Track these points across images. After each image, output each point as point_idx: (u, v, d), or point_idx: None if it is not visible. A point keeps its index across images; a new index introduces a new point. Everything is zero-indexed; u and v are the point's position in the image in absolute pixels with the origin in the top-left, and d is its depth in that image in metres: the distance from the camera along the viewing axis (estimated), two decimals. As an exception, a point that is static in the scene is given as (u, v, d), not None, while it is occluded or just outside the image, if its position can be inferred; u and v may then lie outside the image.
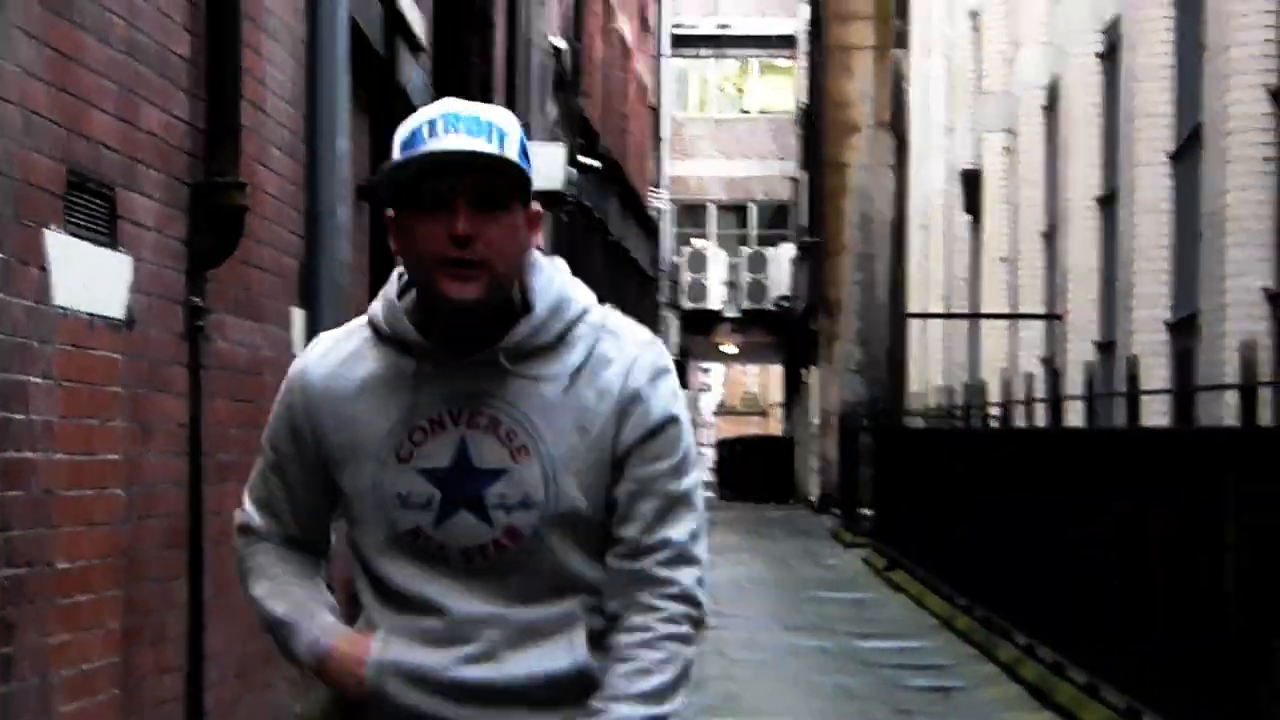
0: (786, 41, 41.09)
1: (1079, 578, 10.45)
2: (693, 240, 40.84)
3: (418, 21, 9.80)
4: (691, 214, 42.03)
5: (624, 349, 2.58)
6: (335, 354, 2.64)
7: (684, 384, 31.51)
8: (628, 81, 31.76)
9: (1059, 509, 11.02)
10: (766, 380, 52.92)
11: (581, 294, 2.61)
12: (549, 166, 15.37)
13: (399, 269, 2.62)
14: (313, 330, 7.25)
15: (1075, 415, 12.30)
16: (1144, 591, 9.01)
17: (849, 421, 27.43)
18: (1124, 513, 9.39)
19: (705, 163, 41.93)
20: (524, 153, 2.55)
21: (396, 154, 2.54)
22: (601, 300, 2.67)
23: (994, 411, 15.27)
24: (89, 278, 4.94)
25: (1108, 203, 15.69)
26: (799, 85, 39.21)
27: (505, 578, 2.59)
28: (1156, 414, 11.29)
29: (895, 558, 18.89)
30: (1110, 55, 15.58)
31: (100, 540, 5.06)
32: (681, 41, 41.10)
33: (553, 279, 2.59)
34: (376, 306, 2.62)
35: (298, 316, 7.24)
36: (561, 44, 20.21)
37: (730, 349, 41.83)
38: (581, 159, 21.05)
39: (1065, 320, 16.51)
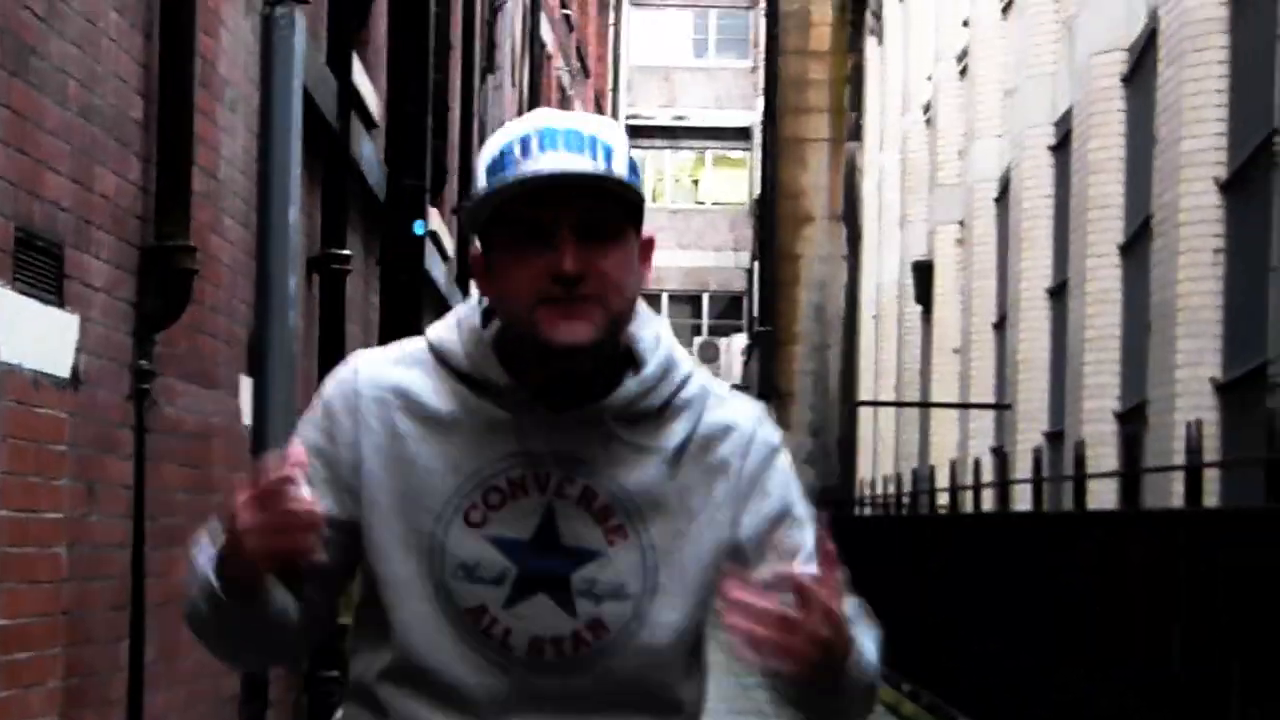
0: (742, 134, 41.38)
1: (1026, 662, 10.46)
2: (646, 329, 40.91)
3: (372, 98, 9.84)
4: (645, 301, 42.09)
5: (736, 422, 2.18)
6: (393, 376, 2.17)
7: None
8: (584, 169, 31.87)
9: (1006, 593, 11.04)
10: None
11: (684, 353, 2.21)
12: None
13: (475, 296, 2.21)
14: (261, 399, 7.24)
15: (1024, 502, 12.34)
16: (1092, 674, 9.02)
17: (800, 510, 27.40)
18: (1071, 596, 9.41)
19: (660, 253, 42.02)
20: (634, 169, 2.15)
21: (482, 180, 2.13)
22: None
23: (942, 498, 15.32)
24: (36, 336, 4.93)
25: (1058, 294, 15.79)
26: (753, 177, 39.45)
27: (574, 683, 2.15)
28: (1105, 502, 11.33)
29: (844, 646, 18.82)
30: (1062, 147, 15.74)
31: (43, 598, 5.03)
32: (637, 132, 41.32)
33: (659, 334, 2.20)
34: (449, 335, 2.17)
35: (246, 385, 7.23)
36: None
37: (683, 438, 41.81)
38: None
39: (1015, 410, 16.58)
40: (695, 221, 42.64)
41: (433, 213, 11.72)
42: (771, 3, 32.39)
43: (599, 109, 35.37)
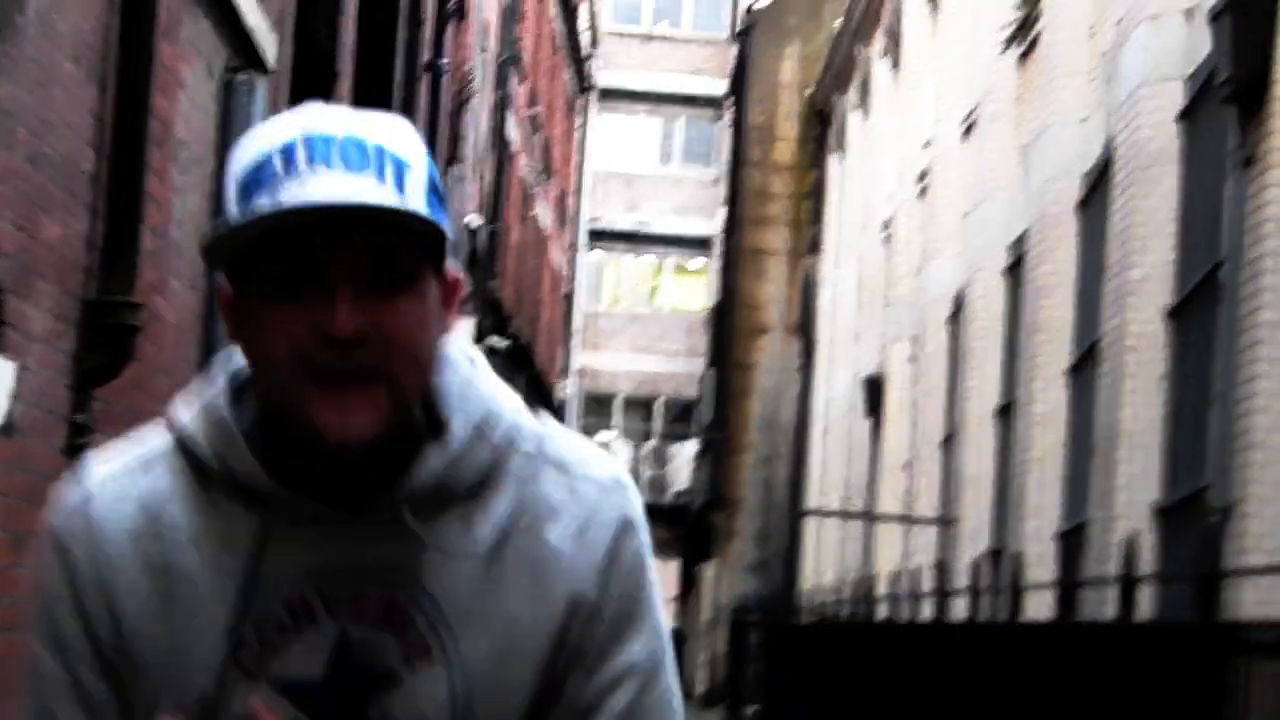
0: (702, 243, 41.59)
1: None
2: (598, 432, 40.94)
3: (332, 176, 9.85)
4: (599, 405, 42.16)
5: (576, 495, 1.69)
6: (138, 490, 1.69)
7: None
8: (542, 269, 32.00)
9: (943, 702, 11.01)
10: (664, 576, 52.83)
11: (508, 402, 1.70)
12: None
13: (226, 358, 1.71)
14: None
15: (965, 613, 12.36)
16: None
17: (740, 615, 27.44)
18: (1008, 704, 9.40)
19: (615, 356, 42.17)
20: (434, 191, 1.64)
21: (233, 200, 1.62)
22: None
23: (882, 608, 15.32)
24: (-28, 379, 4.91)
25: (1005, 414, 15.87)
26: (712, 285, 39.62)
27: None
28: (1042, 618, 11.34)
29: (776, 756, 18.76)
30: (1015, 269, 15.87)
31: (-41, 644, 4.98)
32: (599, 235, 41.52)
33: (471, 380, 1.69)
34: (192, 425, 1.67)
35: (185, 449, 7.20)
36: (478, 222, 20.39)
37: (628, 544, 41.66)
38: (490, 339, 21.14)
39: (958, 526, 16.62)
40: (652, 327, 42.76)
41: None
42: (737, 114, 32.68)
43: (562, 211, 35.52)
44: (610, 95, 40.79)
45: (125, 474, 1.69)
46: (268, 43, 7.42)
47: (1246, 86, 9.42)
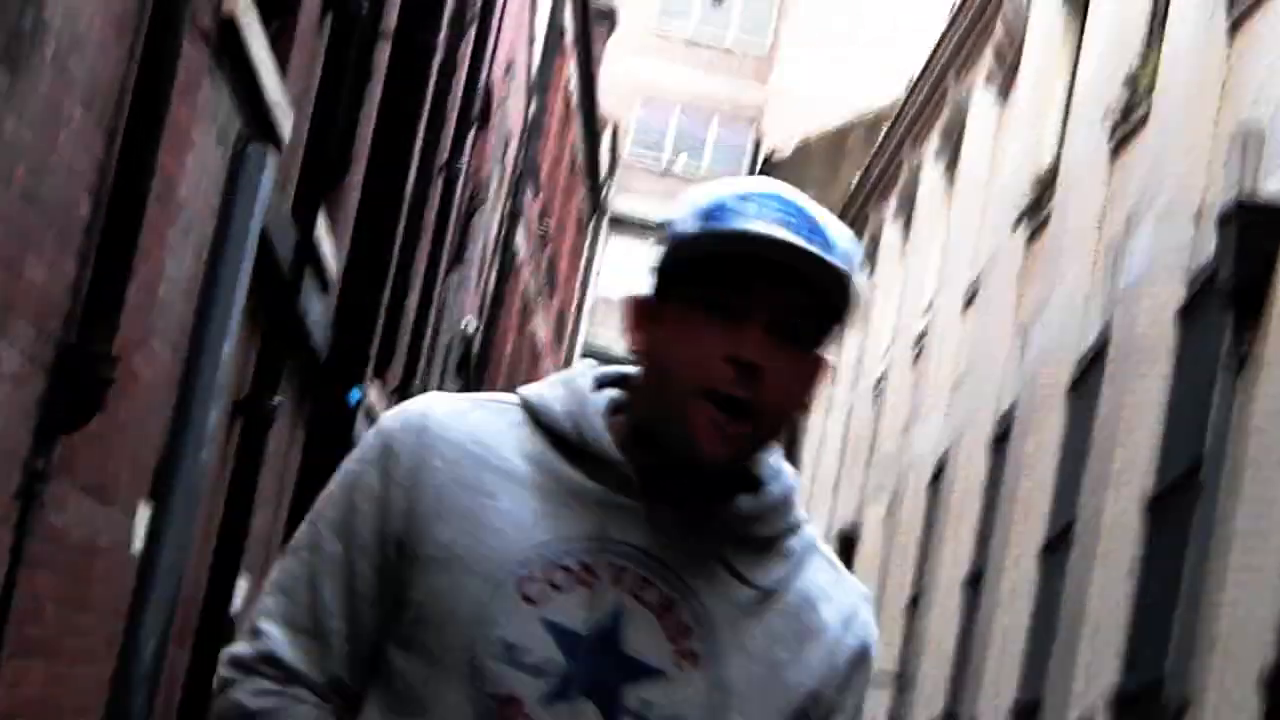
0: (696, 378, 41.64)
1: None
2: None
3: (331, 258, 9.85)
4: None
5: (844, 590, 1.93)
6: (471, 421, 1.88)
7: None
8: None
9: None
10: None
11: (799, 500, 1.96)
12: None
13: (585, 363, 1.94)
14: (157, 529, 7.12)
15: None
16: None
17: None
18: None
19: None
20: (853, 292, 1.86)
21: (688, 223, 1.83)
22: None
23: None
24: (-64, 409, 4.86)
25: (974, 583, 15.81)
26: (700, 423, 39.57)
27: None
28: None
29: None
30: (1000, 442, 15.87)
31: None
32: (594, 358, 41.53)
33: (781, 461, 1.94)
34: (549, 392, 1.89)
35: (144, 510, 7.13)
36: (474, 326, 20.40)
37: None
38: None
39: (915, 689, 16.52)
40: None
41: (372, 387, 11.71)
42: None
43: (558, 331, 35.54)
44: (621, 222, 40.98)
45: (469, 406, 1.90)
46: (285, 118, 7.43)
47: (1246, 291, 9.47)
